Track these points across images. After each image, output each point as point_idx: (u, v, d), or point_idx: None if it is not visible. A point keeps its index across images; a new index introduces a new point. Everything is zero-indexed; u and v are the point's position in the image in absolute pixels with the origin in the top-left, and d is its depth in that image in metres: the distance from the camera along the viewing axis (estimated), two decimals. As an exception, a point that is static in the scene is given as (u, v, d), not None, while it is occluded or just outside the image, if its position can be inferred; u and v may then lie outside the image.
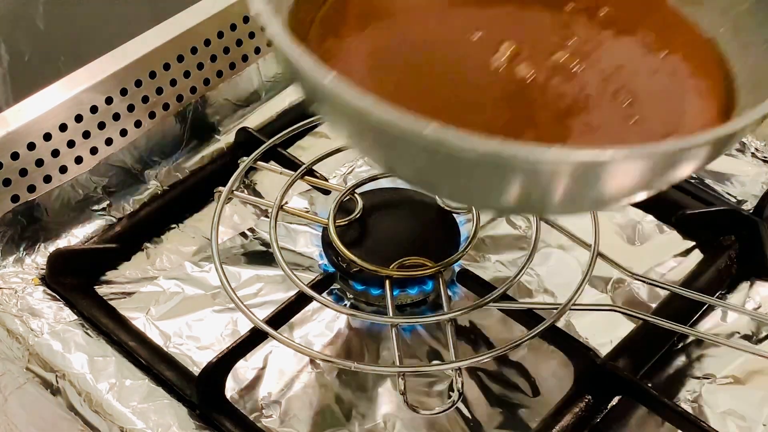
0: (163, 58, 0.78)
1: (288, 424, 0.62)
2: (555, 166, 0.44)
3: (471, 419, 0.62)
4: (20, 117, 0.71)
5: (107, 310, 0.68)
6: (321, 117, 0.53)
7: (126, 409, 0.62)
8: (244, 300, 0.60)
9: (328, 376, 0.64)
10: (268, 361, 0.65)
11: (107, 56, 0.76)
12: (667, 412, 0.60)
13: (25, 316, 0.67)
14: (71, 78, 0.74)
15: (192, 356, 0.65)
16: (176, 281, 0.70)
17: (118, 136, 0.77)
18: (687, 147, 0.46)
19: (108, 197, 0.75)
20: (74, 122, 0.74)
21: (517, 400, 0.63)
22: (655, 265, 0.70)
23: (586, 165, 0.44)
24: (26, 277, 0.69)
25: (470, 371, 0.64)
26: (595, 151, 0.43)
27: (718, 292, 0.68)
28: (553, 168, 0.44)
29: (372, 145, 0.49)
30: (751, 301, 0.68)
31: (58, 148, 0.73)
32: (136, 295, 0.69)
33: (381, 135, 0.45)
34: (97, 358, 0.64)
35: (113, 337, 0.66)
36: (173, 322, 0.67)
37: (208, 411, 0.61)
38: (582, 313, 0.65)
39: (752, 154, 0.78)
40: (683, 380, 0.64)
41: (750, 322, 0.67)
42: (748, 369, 0.64)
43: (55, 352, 0.65)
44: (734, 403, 0.62)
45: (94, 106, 0.75)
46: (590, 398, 0.61)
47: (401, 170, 0.52)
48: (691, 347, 0.66)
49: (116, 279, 0.70)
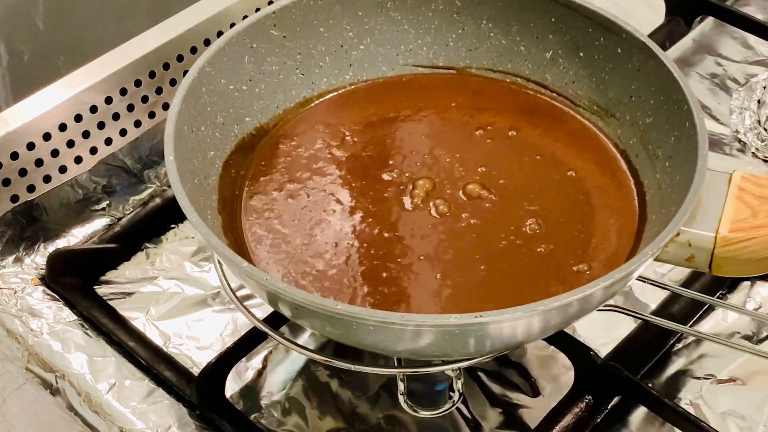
0: (162, 58, 0.78)
1: (288, 425, 0.62)
2: (431, 327, 0.49)
3: (471, 419, 0.62)
4: (20, 117, 0.71)
5: (107, 310, 0.67)
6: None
7: (126, 410, 0.62)
8: (243, 300, 0.60)
9: (327, 376, 0.64)
10: (268, 361, 0.65)
11: (107, 56, 0.76)
12: (667, 413, 0.60)
13: (25, 317, 0.67)
14: (71, 78, 0.74)
15: (192, 356, 0.65)
16: (176, 281, 0.70)
17: (117, 136, 0.77)
18: (562, 305, 0.49)
19: (108, 197, 0.75)
20: (74, 122, 0.74)
21: (517, 400, 0.63)
22: (656, 264, 0.70)
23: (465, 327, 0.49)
24: (26, 277, 0.69)
25: (470, 371, 0.64)
26: (470, 316, 0.48)
27: (719, 292, 0.68)
28: (433, 329, 0.49)
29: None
30: (752, 302, 0.68)
31: (58, 148, 0.73)
32: (135, 296, 0.69)
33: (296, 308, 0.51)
34: (96, 359, 0.64)
35: (113, 337, 0.66)
36: (173, 322, 0.67)
37: (208, 411, 0.61)
38: (583, 313, 0.64)
39: (753, 154, 0.78)
40: (683, 380, 0.64)
41: (750, 323, 0.67)
42: (748, 369, 0.64)
43: (54, 352, 0.65)
44: (735, 403, 0.62)
45: (93, 106, 0.75)
46: (590, 398, 0.61)
47: (321, 331, 0.58)
48: (691, 347, 0.65)
49: (116, 279, 0.70)
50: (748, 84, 0.83)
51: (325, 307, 0.49)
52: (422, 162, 0.63)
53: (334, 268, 0.57)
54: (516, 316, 0.48)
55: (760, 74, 0.83)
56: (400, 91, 0.68)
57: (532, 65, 0.67)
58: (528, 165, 0.63)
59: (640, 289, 0.68)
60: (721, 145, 0.79)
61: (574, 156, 0.64)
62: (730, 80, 0.84)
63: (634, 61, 0.62)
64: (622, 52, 0.63)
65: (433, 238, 0.59)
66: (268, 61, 0.65)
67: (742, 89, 0.82)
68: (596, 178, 0.63)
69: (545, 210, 0.60)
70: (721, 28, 0.88)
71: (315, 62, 0.67)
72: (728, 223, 0.54)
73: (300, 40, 0.66)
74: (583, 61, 0.65)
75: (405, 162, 0.63)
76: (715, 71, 0.85)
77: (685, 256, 0.55)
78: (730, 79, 0.84)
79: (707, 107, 0.82)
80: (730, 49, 0.87)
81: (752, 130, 0.79)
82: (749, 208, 0.55)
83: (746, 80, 0.83)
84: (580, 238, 0.59)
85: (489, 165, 0.63)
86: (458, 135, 0.65)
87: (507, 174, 0.62)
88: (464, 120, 0.66)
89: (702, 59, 0.86)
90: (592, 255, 0.58)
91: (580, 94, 0.66)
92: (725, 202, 0.55)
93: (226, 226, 0.59)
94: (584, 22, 0.64)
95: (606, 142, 0.64)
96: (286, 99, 0.66)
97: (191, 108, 0.59)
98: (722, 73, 0.85)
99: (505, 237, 0.59)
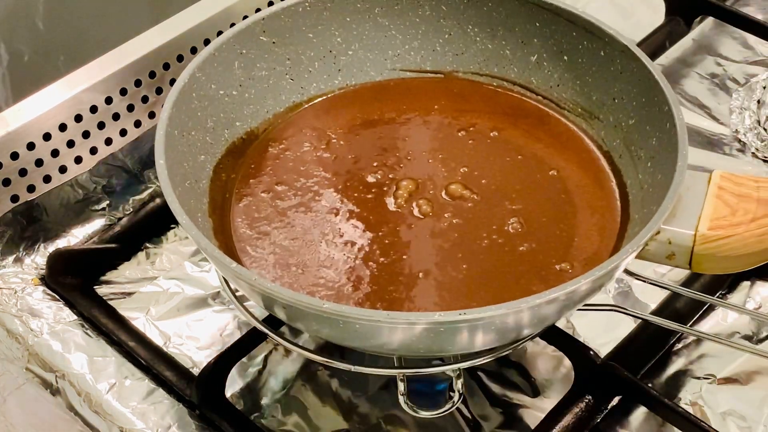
0: (162, 58, 0.78)
1: (288, 425, 0.62)
2: (412, 325, 0.50)
3: (471, 419, 0.62)
4: (20, 117, 0.71)
5: (107, 310, 0.67)
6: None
7: (126, 410, 0.62)
8: (243, 300, 0.60)
9: (327, 376, 0.64)
10: (268, 361, 0.65)
11: (107, 56, 0.76)
12: (667, 413, 0.60)
13: (25, 317, 0.67)
14: (71, 78, 0.74)
15: (192, 356, 0.65)
16: (176, 281, 0.70)
17: (117, 136, 0.77)
18: (541, 302, 0.50)
19: (108, 197, 0.75)
20: (74, 122, 0.74)
21: (517, 400, 0.63)
22: (656, 264, 0.70)
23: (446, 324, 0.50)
24: (26, 277, 0.69)
25: (470, 371, 0.64)
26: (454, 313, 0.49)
27: (719, 291, 0.68)
28: (414, 327, 0.50)
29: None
30: (752, 301, 0.68)
31: (58, 148, 0.73)
32: (135, 295, 0.69)
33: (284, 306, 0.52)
34: (96, 358, 0.64)
35: (113, 337, 0.66)
36: (173, 322, 0.67)
37: (208, 411, 0.61)
38: (582, 313, 0.64)
39: (752, 154, 0.78)
40: (683, 380, 0.64)
41: (750, 322, 0.67)
42: (748, 369, 0.64)
43: (54, 352, 0.65)
44: (735, 403, 0.62)
45: (93, 106, 0.75)
46: (590, 398, 0.61)
47: (312, 332, 0.59)
48: (691, 347, 0.65)
49: (116, 279, 0.70)
50: (747, 84, 0.83)
51: (311, 306, 0.49)
52: (405, 163, 0.64)
53: (322, 268, 0.58)
54: (499, 313, 0.49)
55: (760, 74, 0.83)
56: (387, 94, 0.69)
57: (518, 69, 0.68)
58: (510, 165, 0.64)
59: (640, 289, 0.68)
60: (721, 145, 0.79)
61: (557, 156, 0.65)
62: (730, 80, 0.84)
63: (617, 64, 0.63)
64: (605, 55, 0.64)
65: (416, 238, 0.59)
66: (258, 67, 0.66)
67: (742, 89, 0.82)
68: (579, 178, 0.63)
69: (527, 209, 0.61)
70: (721, 28, 0.88)
71: (304, 67, 0.68)
72: (707, 221, 0.55)
73: (289, 46, 0.67)
74: (567, 64, 0.66)
75: (389, 163, 0.64)
76: (715, 71, 0.85)
77: (665, 253, 0.56)
78: (730, 79, 0.84)
79: (707, 107, 0.82)
80: (730, 49, 0.87)
81: (752, 130, 0.79)
82: (728, 207, 0.56)
83: (746, 80, 0.83)
84: (562, 237, 0.60)
85: (471, 165, 0.64)
86: (441, 136, 0.66)
87: (489, 174, 0.63)
88: (447, 122, 0.67)
89: (702, 59, 0.86)
90: (574, 254, 0.59)
91: (564, 96, 0.67)
92: (705, 201, 0.56)
93: (216, 229, 0.60)
94: (568, 26, 0.65)
95: (589, 144, 0.65)
96: (276, 104, 0.67)
97: (182, 113, 0.60)
98: (722, 73, 0.85)
99: (487, 236, 0.59)
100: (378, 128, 0.67)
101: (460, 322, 0.49)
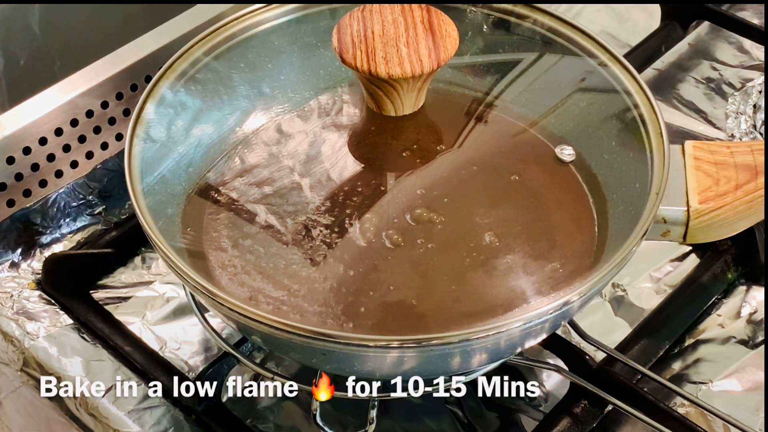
0: (158, 63, 0.77)
1: (283, 429, 0.62)
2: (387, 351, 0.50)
3: (467, 423, 0.62)
4: (16, 121, 0.71)
5: (103, 314, 0.67)
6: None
7: (121, 413, 0.62)
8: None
9: (324, 381, 0.64)
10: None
11: (103, 61, 0.76)
12: (663, 417, 0.60)
13: (21, 320, 0.67)
14: (67, 82, 0.74)
15: (188, 360, 0.65)
16: (172, 286, 0.70)
17: (113, 140, 0.77)
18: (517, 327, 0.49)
19: (104, 202, 0.74)
20: (70, 126, 0.74)
21: (513, 405, 0.63)
22: (651, 269, 0.70)
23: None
24: (22, 281, 0.69)
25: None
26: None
27: (714, 296, 0.68)
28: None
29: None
30: (747, 306, 0.68)
31: (54, 153, 0.73)
32: (131, 300, 0.69)
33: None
34: (92, 362, 0.64)
35: (109, 341, 0.66)
36: (169, 326, 0.67)
37: (204, 415, 0.61)
38: (579, 317, 0.64)
39: (749, 158, 0.78)
40: (680, 385, 0.64)
41: (746, 327, 0.67)
42: (744, 374, 0.64)
43: (50, 355, 0.65)
44: (730, 408, 0.62)
45: (89, 111, 0.75)
46: (586, 403, 0.61)
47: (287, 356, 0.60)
48: (687, 352, 0.66)
49: (112, 284, 0.70)
50: (743, 88, 0.83)
51: (273, 322, 0.49)
52: (358, 196, 0.60)
53: (313, 316, 0.55)
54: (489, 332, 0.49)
55: (756, 79, 0.83)
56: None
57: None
58: (467, 178, 0.60)
59: (636, 294, 0.68)
60: (717, 149, 0.79)
61: (513, 159, 0.62)
62: (725, 85, 0.84)
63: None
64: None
65: (396, 267, 0.56)
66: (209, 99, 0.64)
67: (738, 94, 0.82)
68: (541, 176, 0.60)
69: (498, 220, 0.58)
70: (716, 32, 0.88)
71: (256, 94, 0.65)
72: (695, 194, 0.55)
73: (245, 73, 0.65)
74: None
75: (340, 200, 0.59)
76: (710, 76, 0.85)
77: (660, 231, 0.56)
78: (725, 83, 0.84)
79: (703, 112, 0.82)
80: (726, 53, 0.87)
81: (748, 134, 0.79)
82: (710, 177, 0.56)
83: (742, 85, 0.84)
84: (542, 239, 0.57)
85: (427, 186, 0.60)
86: (385, 160, 0.62)
87: (449, 192, 0.59)
88: (386, 142, 0.62)
89: (698, 64, 0.86)
90: (560, 252, 0.57)
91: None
92: (686, 174, 0.56)
93: (191, 251, 0.58)
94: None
95: (539, 137, 0.62)
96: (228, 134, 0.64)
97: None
98: (718, 78, 0.85)
99: (467, 255, 0.56)
100: (312, 163, 0.62)
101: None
